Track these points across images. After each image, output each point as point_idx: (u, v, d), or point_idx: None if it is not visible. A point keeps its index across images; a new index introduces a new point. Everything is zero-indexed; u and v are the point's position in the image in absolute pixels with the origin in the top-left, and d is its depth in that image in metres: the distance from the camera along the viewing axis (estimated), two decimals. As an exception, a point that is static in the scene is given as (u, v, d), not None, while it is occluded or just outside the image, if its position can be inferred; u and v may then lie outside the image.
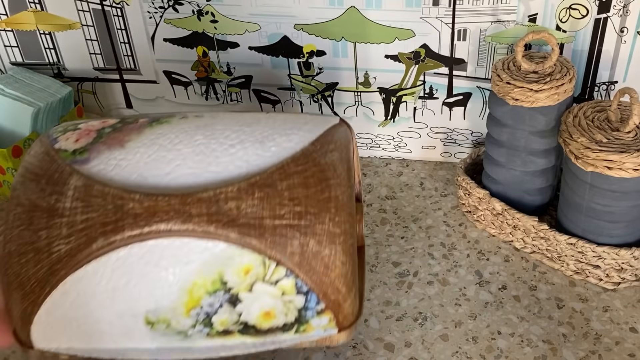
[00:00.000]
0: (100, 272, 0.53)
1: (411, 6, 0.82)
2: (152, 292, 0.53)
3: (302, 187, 0.55)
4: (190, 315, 0.54)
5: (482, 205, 0.82)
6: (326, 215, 0.54)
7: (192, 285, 0.53)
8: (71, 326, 0.55)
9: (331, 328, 0.56)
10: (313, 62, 0.90)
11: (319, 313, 0.55)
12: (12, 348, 0.70)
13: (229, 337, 0.56)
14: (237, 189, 0.54)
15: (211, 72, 0.94)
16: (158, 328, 0.55)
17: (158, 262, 0.53)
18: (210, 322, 0.54)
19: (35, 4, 0.92)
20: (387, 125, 0.95)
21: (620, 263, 0.72)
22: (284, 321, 0.55)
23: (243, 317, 0.55)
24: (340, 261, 0.54)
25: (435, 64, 0.87)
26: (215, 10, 0.88)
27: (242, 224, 0.53)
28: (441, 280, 0.77)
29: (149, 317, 0.54)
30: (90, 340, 0.56)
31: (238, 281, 0.53)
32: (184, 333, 0.55)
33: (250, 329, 0.55)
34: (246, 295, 0.53)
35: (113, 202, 0.54)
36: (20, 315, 0.55)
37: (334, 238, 0.54)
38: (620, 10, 0.77)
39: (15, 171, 0.87)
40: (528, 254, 0.79)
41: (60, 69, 0.98)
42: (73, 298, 0.54)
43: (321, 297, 0.54)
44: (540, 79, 0.73)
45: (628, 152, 0.66)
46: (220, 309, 0.54)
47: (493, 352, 0.68)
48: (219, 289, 0.53)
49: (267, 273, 0.53)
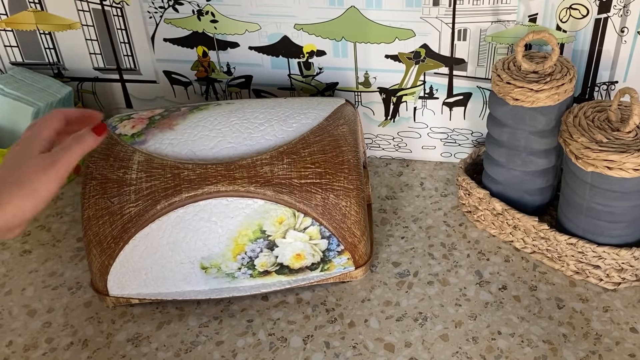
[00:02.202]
0: (163, 228, 0.67)
1: (411, 6, 0.82)
2: (205, 243, 0.68)
3: (321, 153, 0.70)
4: (236, 260, 0.69)
5: (482, 205, 0.82)
6: (341, 174, 0.69)
7: (237, 235, 0.68)
8: (140, 275, 0.69)
9: (349, 266, 0.73)
10: (313, 62, 0.90)
11: (339, 253, 0.71)
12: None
13: (268, 277, 0.71)
14: (269, 157, 0.69)
15: (211, 72, 0.94)
16: (210, 272, 0.69)
17: (209, 218, 0.67)
18: (253, 265, 0.69)
19: (35, 4, 0.92)
20: (387, 125, 0.95)
21: (621, 263, 0.72)
22: (312, 261, 0.70)
23: (279, 259, 0.70)
24: (354, 210, 0.70)
25: (436, 64, 0.87)
26: (215, 10, 0.87)
27: (275, 184, 0.67)
28: (441, 281, 0.77)
29: (203, 263, 0.69)
30: (156, 286, 0.70)
31: (274, 230, 0.68)
32: (232, 275, 0.70)
33: (285, 269, 0.71)
34: (281, 241, 0.68)
35: (171, 172, 0.68)
36: (99, 267, 0.69)
37: (348, 192, 0.69)
38: (620, 10, 0.77)
39: (15, 171, 0.87)
40: (528, 254, 0.79)
41: (60, 69, 0.98)
42: (141, 251, 0.68)
43: (340, 239, 0.70)
44: (541, 79, 0.73)
45: (628, 152, 0.66)
46: (260, 254, 0.69)
47: (493, 352, 0.68)
48: (259, 237, 0.68)
49: (297, 222, 0.68)
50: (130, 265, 0.69)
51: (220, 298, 0.75)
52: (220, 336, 0.71)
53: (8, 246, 0.86)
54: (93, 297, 0.77)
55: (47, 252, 0.84)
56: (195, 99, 0.97)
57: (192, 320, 0.73)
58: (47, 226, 0.89)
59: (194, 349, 0.70)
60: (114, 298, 0.73)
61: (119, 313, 0.75)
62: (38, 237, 0.87)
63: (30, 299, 0.77)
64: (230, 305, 0.75)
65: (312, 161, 0.69)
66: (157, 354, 0.70)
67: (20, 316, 0.75)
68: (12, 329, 0.74)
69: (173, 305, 0.75)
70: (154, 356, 0.69)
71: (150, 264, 0.69)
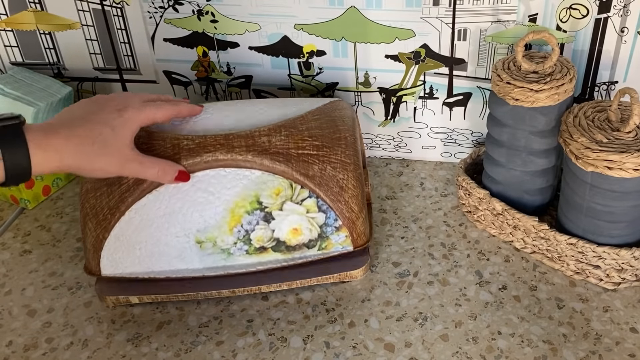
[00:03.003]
0: (160, 199, 0.68)
1: (411, 6, 0.82)
2: (202, 214, 0.68)
3: (319, 129, 0.71)
4: (232, 233, 0.69)
5: (483, 205, 0.82)
6: (338, 148, 0.70)
7: (234, 206, 0.68)
8: (134, 250, 0.69)
9: (348, 245, 0.72)
10: (313, 62, 0.90)
11: (337, 229, 0.70)
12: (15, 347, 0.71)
13: (264, 254, 0.71)
14: (267, 129, 0.70)
15: (211, 72, 0.94)
16: (206, 247, 0.69)
17: (206, 188, 0.68)
18: (249, 239, 0.69)
19: (35, 4, 0.92)
20: (387, 125, 0.95)
21: (621, 263, 0.72)
22: (309, 237, 0.70)
23: (275, 233, 0.70)
24: (352, 184, 0.70)
25: (436, 64, 0.87)
26: (215, 10, 0.87)
27: (273, 153, 0.68)
28: (441, 281, 0.77)
29: (199, 237, 0.69)
30: (150, 263, 0.70)
31: (271, 201, 0.68)
32: (227, 251, 0.70)
33: (282, 246, 0.70)
34: (278, 213, 0.69)
35: (171, 143, 0.68)
36: (93, 243, 0.69)
37: (346, 166, 0.70)
38: (620, 10, 0.77)
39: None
40: (528, 254, 0.79)
41: (60, 69, 0.98)
42: (137, 223, 0.68)
43: (338, 213, 0.69)
44: (541, 79, 0.73)
45: (628, 152, 0.66)
46: (257, 226, 0.69)
47: (493, 353, 0.68)
48: (256, 208, 0.68)
49: (294, 194, 0.69)
50: (125, 239, 0.69)
51: (220, 298, 0.75)
52: (220, 336, 0.71)
53: (8, 246, 0.86)
54: (93, 297, 0.77)
55: (47, 252, 0.84)
56: (195, 99, 0.97)
57: (192, 320, 0.73)
58: (47, 226, 0.89)
59: (194, 349, 0.70)
60: (114, 299, 0.74)
61: (119, 313, 0.75)
62: (38, 237, 0.87)
63: (30, 299, 0.77)
64: (230, 305, 0.75)
65: (310, 134, 0.70)
66: (157, 354, 0.70)
67: (20, 316, 0.75)
68: (12, 329, 0.74)
69: (173, 305, 0.75)
70: (154, 356, 0.69)
71: (145, 238, 0.69)
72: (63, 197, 0.94)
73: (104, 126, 0.61)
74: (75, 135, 0.59)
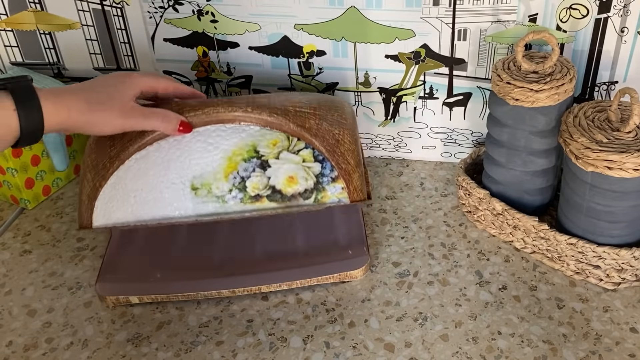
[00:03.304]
0: (160, 149, 0.71)
1: (411, 6, 0.82)
2: (199, 161, 0.71)
3: (316, 100, 0.76)
4: (228, 179, 0.70)
5: (483, 205, 0.82)
6: (335, 112, 0.75)
7: (231, 154, 0.71)
8: (129, 199, 0.70)
9: (344, 198, 0.72)
10: (313, 62, 0.90)
11: (333, 180, 0.71)
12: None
13: (259, 203, 0.71)
14: (267, 95, 0.76)
15: (211, 72, 0.94)
16: (200, 194, 0.70)
17: (206, 140, 0.71)
18: (245, 187, 0.70)
19: (35, 4, 0.92)
20: (387, 125, 0.95)
21: (621, 263, 0.72)
22: (305, 187, 0.71)
23: (271, 181, 0.71)
24: (348, 139, 0.72)
25: (436, 64, 0.87)
26: (215, 10, 0.87)
27: (271, 108, 0.72)
28: (441, 281, 0.77)
29: (194, 183, 0.70)
30: (142, 212, 0.70)
31: (268, 151, 0.71)
32: (222, 199, 0.70)
33: (277, 195, 0.71)
34: (274, 161, 0.71)
35: (176, 104, 0.73)
36: (88, 193, 0.71)
37: (342, 123, 0.74)
38: (620, 10, 0.77)
39: (15, 171, 0.87)
40: (528, 254, 0.79)
41: (60, 69, 0.98)
42: (135, 171, 0.70)
43: (334, 164, 0.71)
44: (541, 79, 0.73)
45: (628, 152, 0.66)
46: (253, 173, 0.70)
47: (493, 353, 0.68)
48: (253, 156, 0.71)
49: (290, 144, 0.71)
50: (121, 188, 0.70)
51: (220, 298, 0.75)
52: (220, 336, 0.71)
53: (8, 246, 0.86)
54: (93, 297, 0.77)
55: (47, 252, 0.84)
56: (195, 99, 0.97)
57: (192, 320, 0.73)
58: (47, 226, 0.89)
59: (194, 349, 0.70)
60: (114, 300, 0.74)
61: (119, 313, 0.75)
62: (38, 237, 0.87)
63: (30, 299, 0.77)
64: (230, 305, 0.75)
65: (307, 100, 0.75)
66: (157, 354, 0.70)
67: (20, 316, 0.75)
68: (12, 329, 0.74)
69: (173, 305, 0.75)
70: (154, 356, 0.69)
71: (142, 186, 0.70)
72: (63, 197, 0.94)
73: (108, 86, 0.67)
74: (81, 90, 0.66)
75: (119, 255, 0.79)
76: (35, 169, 0.90)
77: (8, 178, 0.89)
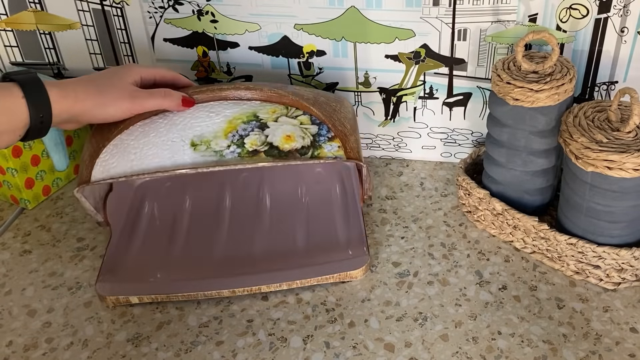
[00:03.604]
0: (164, 116, 0.75)
1: (411, 6, 0.82)
2: (201, 124, 0.74)
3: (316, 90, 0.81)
4: (227, 137, 0.73)
5: (482, 205, 0.82)
6: (331, 96, 0.81)
7: (232, 118, 0.75)
8: (129, 155, 0.72)
9: (340, 155, 0.73)
10: (313, 62, 0.90)
11: (329, 139, 0.74)
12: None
13: (256, 157, 0.72)
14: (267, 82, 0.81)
15: (211, 72, 0.94)
16: (199, 149, 0.72)
17: (209, 110, 0.75)
18: (243, 143, 0.72)
19: (35, 4, 0.92)
20: (387, 125, 0.95)
21: (621, 263, 0.72)
22: (302, 144, 0.73)
23: (269, 138, 0.73)
24: (344, 111, 0.78)
25: (436, 64, 0.87)
26: (215, 10, 0.87)
27: (270, 86, 0.78)
28: (441, 281, 0.77)
29: (194, 140, 0.73)
30: (142, 163, 0.72)
31: (267, 116, 0.75)
32: (220, 153, 0.72)
33: (274, 150, 0.72)
34: (273, 123, 0.74)
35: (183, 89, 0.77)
36: (91, 152, 0.73)
37: (338, 100, 0.80)
38: (620, 10, 0.77)
39: (15, 171, 0.87)
40: (528, 254, 0.79)
41: (60, 69, 0.98)
42: (137, 134, 0.73)
43: (330, 126, 0.74)
44: (541, 79, 0.73)
45: (628, 152, 0.66)
46: (251, 132, 0.73)
47: (493, 353, 0.68)
48: (252, 120, 0.74)
49: (289, 112, 0.76)
50: (122, 147, 0.73)
51: (220, 298, 0.75)
52: (220, 336, 0.71)
53: (8, 246, 0.86)
54: (93, 297, 0.77)
55: (47, 252, 0.84)
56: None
57: (192, 320, 0.73)
58: (47, 226, 0.89)
59: (194, 349, 0.70)
60: (114, 300, 0.74)
61: (119, 313, 0.75)
62: (38, 237, 0.87)
63: (30, 299, 0.77)
64: (230, 305, 0.75)
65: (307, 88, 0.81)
66: (157, 354, 0.70)
67: (20, 316, 0.75)
68: (12, 329, 0.74)
69: (173, 305, 0.75)
70: (154, 356, 0.69)
71: (142, 145, 0.72)
72: (63, 197, 0.94)
73: (109, 74, 0.72)
74: (85, 78, 0.70)
75: (119, 255, 0.79)
76: (35, 169, 0.90)
77: (8, 178, 0.89)
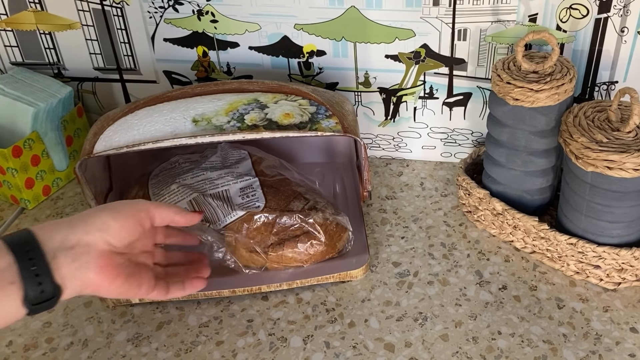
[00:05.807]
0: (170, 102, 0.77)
1: (411, 6, 0.82)
2: (204, 107, 0.76)
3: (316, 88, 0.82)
4: (227, 115, 0.75)
5: (483, 205, 0.82)
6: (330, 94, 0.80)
7: (234, 101, 0.77)
8: (131, 131, 0.74)
9: (338, 129, 0.74)
10: (313, 62, 0.90)
11: (327, 117, 0.75)
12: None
13: (256, 131, 0.73)
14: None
15: (211, 72, 0.94)
16: (200, 125, 0.74)
17: (213, 97, 0.77)
18: (242, 119, 0.74)
19: (35, 4, 0.92)
20: (387, 125, 0.95)
21: (621, 263, 0.72)
22: (300, 120, 0.74)
23: (268, 115, 0.74)
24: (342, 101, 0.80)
25: (436, 64, 0.87)
26: (215, 10, 0.87)
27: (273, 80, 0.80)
28: (441, 280, 0.77)
29: (196, 117, 0.74)
30: (142, 137, 0.73)
31: (267, 99, 0.77)
32: (220, 127, 0.73)
33: (273, 125, 0.73)
34: (273, 104, 0.76)
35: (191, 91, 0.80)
36: (95, 130, 0.75)
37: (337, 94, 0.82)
38: (620, 10, 0.77)
39: (15, 171, 0.87)
40: (528, 254, 0.79)
41: (60, 69, 0.98)
42: (142, 115, 0.76)
43: (328, 107, 0.76)
44: (541, 79, 0.73)
45: (628, 152, 0.66)
46: (251, 111, 0.75)
47: (493, 352, 0.68)
48: (253, 102, 0.76)
49: (289, 97, 0.77)
50: (126, 125, 0.74)
51: (220, 298, 0.75)
52: (220, 336, 0.71)
53: (8, 246, 0.85)
54: (93, 297, 0.77)
55: (47, 252, 0.84)
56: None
57: (192, 320, 0.73)
58: (47, 226, 0.89)
59: (194, 349, 0.70)
60: (114, 300, 0.74)
61: (119, 313, 0.75)
62: (38, 237, 0.87)
63: (30, 299, 0.77)
64: (230, 305, 0.75)
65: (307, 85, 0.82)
66: (157, 354, 0.70)
67: (20, 316, 0.75)
68: (12, 329, 0.74)
69: (173, 305, 0.75)
70: (154, 356, 0.69)
71: (145, 122, 0.74)
72: (63, 197, 0.94)
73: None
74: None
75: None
76: (35, 169, 0.90)
77: (8, 178, 0.89)
